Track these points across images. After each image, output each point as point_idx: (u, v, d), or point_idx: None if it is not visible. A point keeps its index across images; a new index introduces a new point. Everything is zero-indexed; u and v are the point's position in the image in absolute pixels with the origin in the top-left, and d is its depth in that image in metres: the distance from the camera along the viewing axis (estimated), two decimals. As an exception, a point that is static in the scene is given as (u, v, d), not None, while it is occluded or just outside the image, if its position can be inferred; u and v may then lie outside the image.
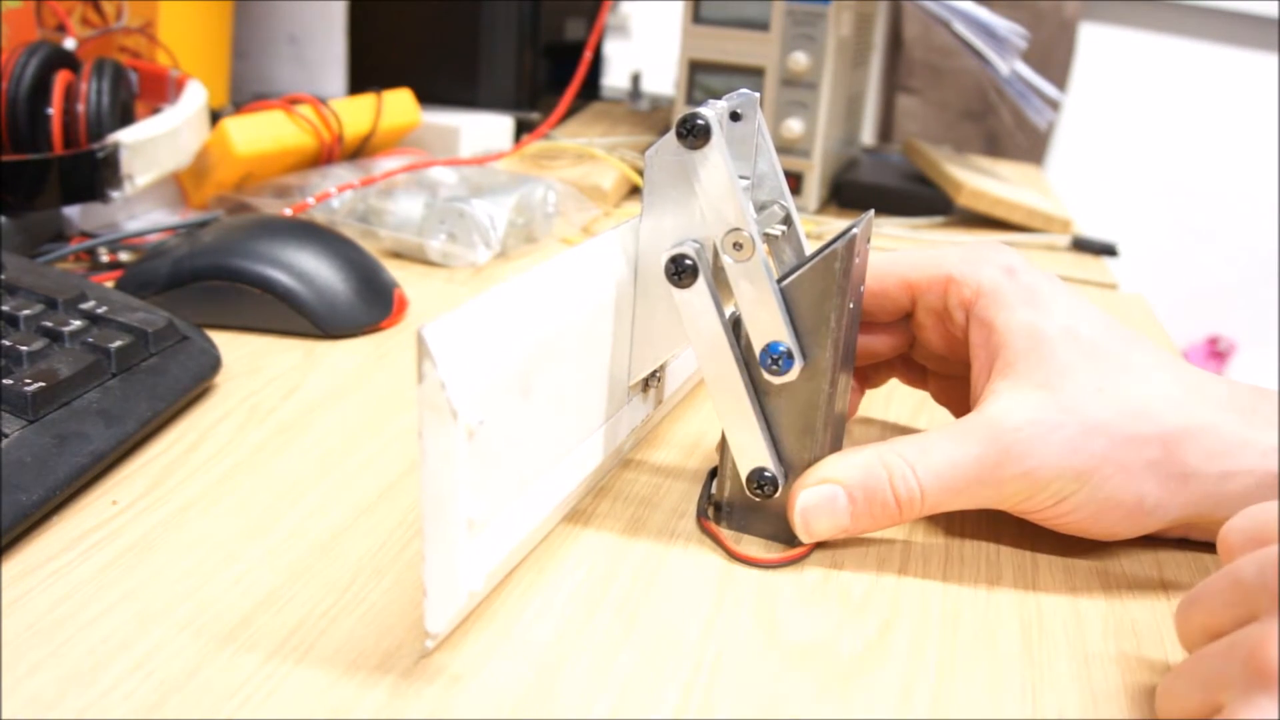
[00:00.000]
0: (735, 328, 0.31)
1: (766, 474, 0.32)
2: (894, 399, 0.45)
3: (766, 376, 0.31)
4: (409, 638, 0.27)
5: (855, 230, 0.31)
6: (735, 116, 0.33)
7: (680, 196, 0.32)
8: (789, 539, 0.33)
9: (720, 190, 0.30)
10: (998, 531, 0.35)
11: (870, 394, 0.43)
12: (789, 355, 0.31)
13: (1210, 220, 2.06)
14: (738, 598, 0.30)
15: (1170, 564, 0.34)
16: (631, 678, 0.27)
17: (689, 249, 0.31)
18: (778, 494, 0.32)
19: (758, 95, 0.33)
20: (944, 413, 0.41)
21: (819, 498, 0.32)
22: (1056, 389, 0.31)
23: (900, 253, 0.36)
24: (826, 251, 0.30)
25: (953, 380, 0.39)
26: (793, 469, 0.32)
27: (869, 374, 0.40)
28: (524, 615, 0.29)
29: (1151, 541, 0.35)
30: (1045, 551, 0.34)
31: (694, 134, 0.29)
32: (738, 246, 0.30)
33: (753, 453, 0.32)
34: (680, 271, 0.31)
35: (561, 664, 0.27)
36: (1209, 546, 0.35)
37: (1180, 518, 0.32)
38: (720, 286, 0.31)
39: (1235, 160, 2.01)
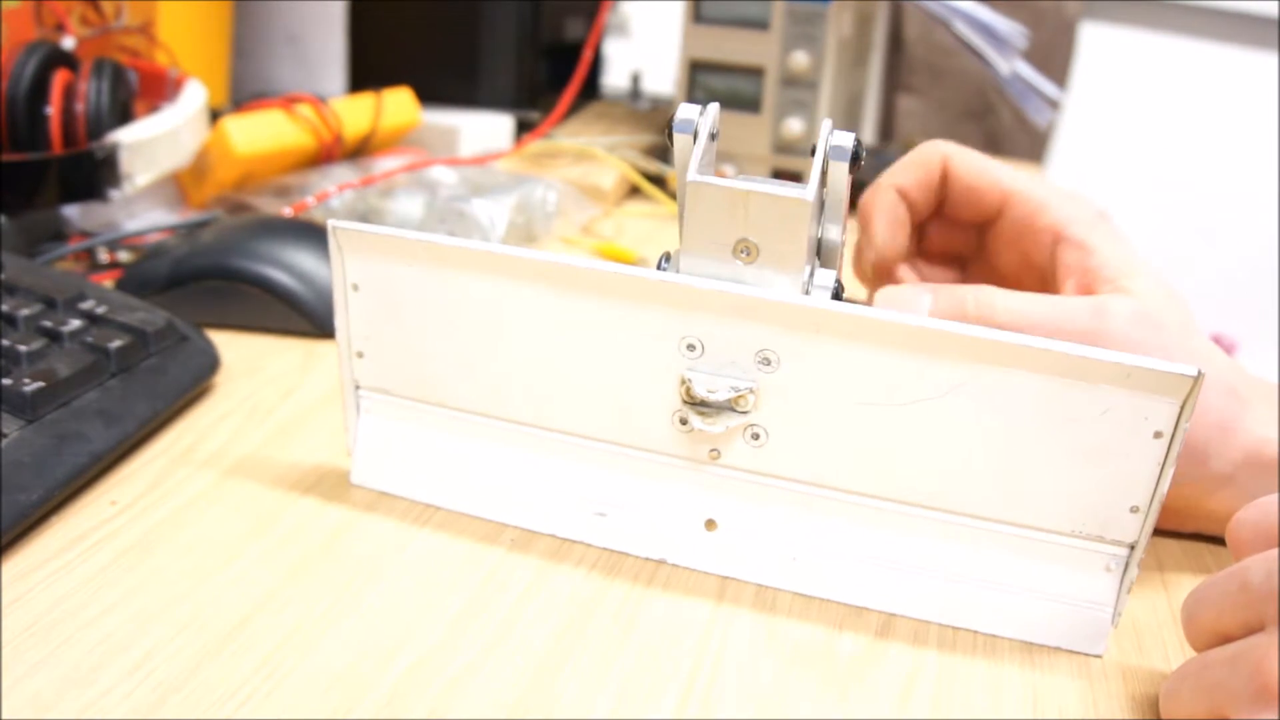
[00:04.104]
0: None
1: None
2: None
3: None
4: (409, 638, 0.27)
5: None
6: (713, 136, 0.32)
7: (811, 228, 0.31)
8: None
9: (845, 197, 0.31)
10: (998, 531, 0.35)
11: None
12: None
13: (1210, 220, 2.06)
14: (738, 597, 0.30)
15: (1170, 564, 0.34)
16: (631, 678, 0.27)
17: (835, 280, 0.31)
18: None
19: (716, 105, 0.32)
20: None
21: (905, 292, 0.34)
22: (1156, 307, 0.33)
23: (999, 162, 0.38)
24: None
25: None
26: None
27: None
28: (524, 615, 0.29)
29: (1152, 541, 0.35)
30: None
31: (860, 155, 0.31)
32: (842, 243, 0.33)
33: None
34: (838, 297, 0.31)
35: (561, 664, 0.27)
36: (1209, 543, 0.35)
37: (1221, 476, 0.32)
38: None
39: (1236, 160, 2.01)
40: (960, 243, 0.41)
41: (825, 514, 0.31)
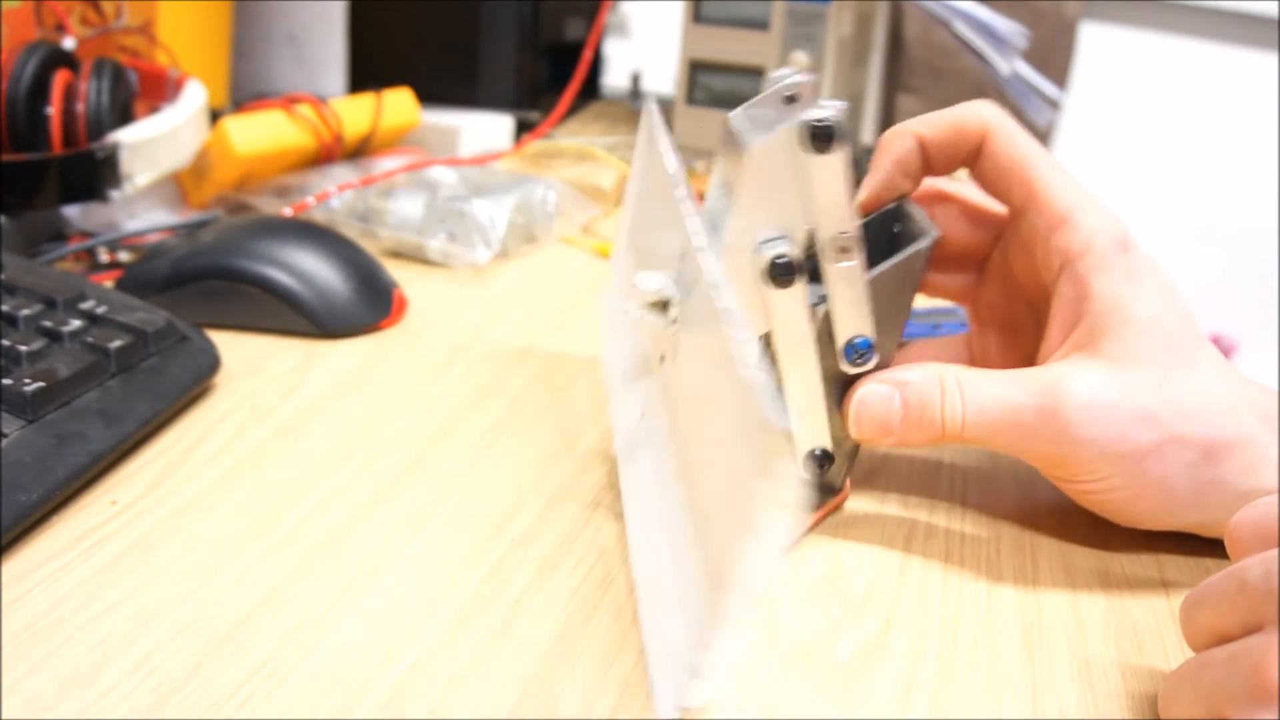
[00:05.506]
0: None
1: (817, 453, 0.34)
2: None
3: (847, 368, 0.33)
4: (409, 638, 0.27)
5: (934, 235, 0.33)
6: (790, 99, 0.31)
7: (778, 195, 0.30)
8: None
9: (837, 194, 0.30)
10: (998, 531, 0.35)
11: None
12: (872, 349, 0.33)
13: (1210, 220, 2.06)
14: (738, 598, 0.30)
15: (1171, 564, 0.34)
16: (631, 678, 0.27)
17: (789, 250, 0.30)
18: (828, 470, 0.34)
19: (814, 78, 0.32)
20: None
21: (878, 394, 0.33)
22: (1126, 372, 0.31)
23: (1040, 149, 0.35)
24: (910, 252, 0.32)
25: (999, 333, 0.38)
26: (840, 446, 0.34)
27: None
28: (524, 615, 0.29)
29: (1152, 541, 0.35)
30: (1045, 552, 0.34)
31: (825, 138, 0.29)
32: (843, 250, 0.31)
33: (815, 437, 0.33)
34: (781, 274, 0.30)
35: (561, 664, 0.27)
36: (1209, 543, 0.35)
37: (1200, 522, 0.33)
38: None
39: (1235, 160, 2.01)
40: (981, 240, 0.38)
41: (670, 469, 0.30)
